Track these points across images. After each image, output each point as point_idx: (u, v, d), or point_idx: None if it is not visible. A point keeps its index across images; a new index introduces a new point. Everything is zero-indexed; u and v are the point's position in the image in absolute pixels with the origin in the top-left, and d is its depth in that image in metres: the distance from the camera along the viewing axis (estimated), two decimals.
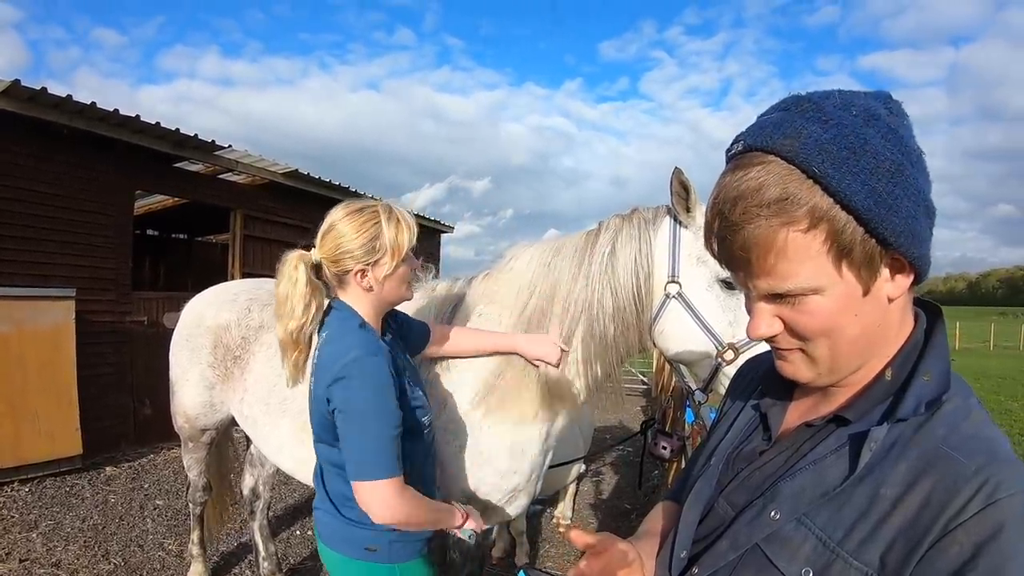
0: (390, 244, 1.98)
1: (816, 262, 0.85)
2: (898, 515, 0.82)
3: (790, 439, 1.03)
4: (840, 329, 0.90)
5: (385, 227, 1.98)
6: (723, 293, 2.25)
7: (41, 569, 4.55)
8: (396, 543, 2.05)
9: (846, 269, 0.86)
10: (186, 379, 3.52)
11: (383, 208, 2.03)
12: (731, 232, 0.89)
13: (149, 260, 16.29)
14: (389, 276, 2.01)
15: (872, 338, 0.92)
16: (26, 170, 6.89)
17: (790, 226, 0.84)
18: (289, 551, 5.11)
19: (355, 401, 1.87)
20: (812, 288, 0.87)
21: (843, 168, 0.82)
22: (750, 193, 0.85)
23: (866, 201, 0.82)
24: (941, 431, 0.86)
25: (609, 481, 7.36)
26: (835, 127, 0.83)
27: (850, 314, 0.88)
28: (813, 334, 0.91)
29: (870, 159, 0.82)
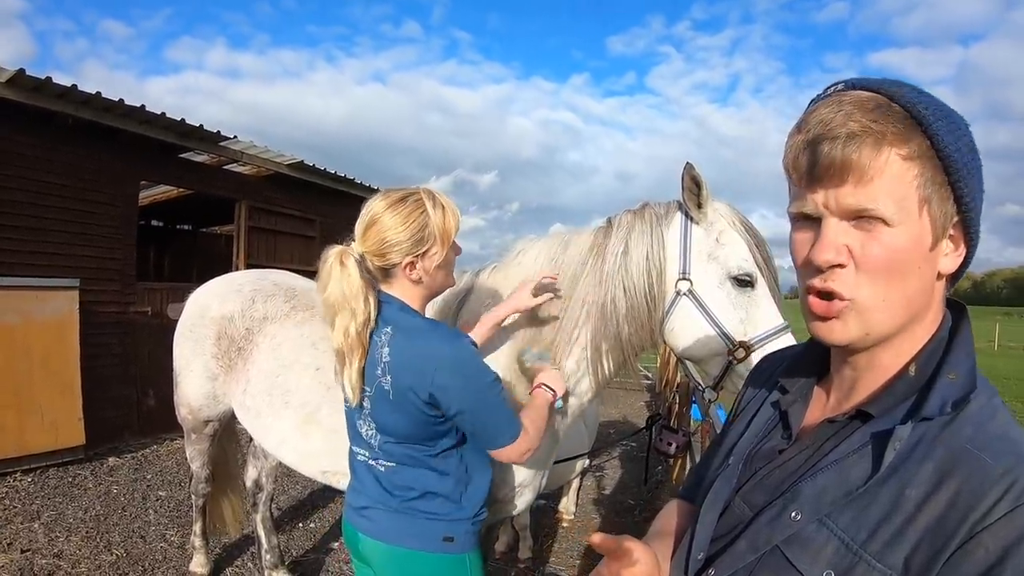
0: (439, 232, 1.94)
1: (906, 192, 0.86)
2: (923, 517, 0.80)
3: (811, 437, 1.01)
4: (901, 275, 0.88)
5: (432, 215, 1.93)
6: (734, 291, 2.23)
7: (43, 559, 4.54)
8: (471, 534, 2.07)
9: (925, 214, 0.87)
10: (189, 370, 3.51)
11: (426, 195, 1.96)
12: (833, 140, 0.87)
13: (154, 251, 16.31)
14: (440, 265, 1.99)
15: (917, 305, 0.91)
16: (31, 160, 6.89)
17: (894, 147, 0.85)
18: (292, 543, 5.11)
19: (473, 389, 1.92)
20: (893, 216, 0.86)
21: (944, 123, 0.85)
22: (864, 109, 0.86)
23: (955, 155, 0.85)
24: (967, 431, 0.84)
25: (613, 476, 7.35)
26: (927, 96, 0.88)
27: (915, 262, 0.88)
28: (877, 269, 0.88)
29: (955, 127, 0.86)
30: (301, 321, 3.14)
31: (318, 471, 2.92)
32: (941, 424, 0.85)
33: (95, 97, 6.97)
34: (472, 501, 2.07)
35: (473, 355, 1.94)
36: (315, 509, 5.87)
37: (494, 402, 1.94)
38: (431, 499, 2.00)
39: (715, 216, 2.29)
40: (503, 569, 4.83)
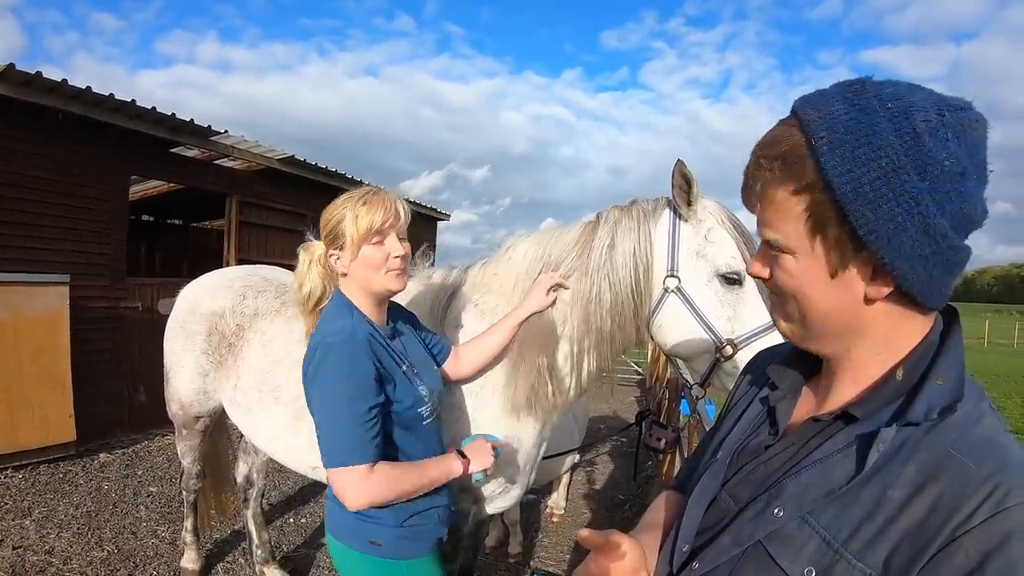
0: (350, 228, 1.97)
1: (796, 225, 0.91)
2: (904, 518, 0.80)
3: (797, 434, 1.02)
4: (805, 297, 0.95)
5: (350, 211, 1.98)
6: (722, 288, 2.24)
7: (34, 556, 4.54)
8: (404, 539, 2.03)
9: (819, 244, 0.90)
10: (180, 366, 3.51)
11: (360, 192, 2.04)
12: (747, 173, 0.97)
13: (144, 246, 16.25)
14: (355, 261, 2.00)
15: (845, 325, 0.94)
16: (21, 155, 6.84)
17: (782, 184, 0.91)
18: (283, 539, 5.12)
19: (323, 388, 1.90)
20: (787, 247, 0.93)
21: (838, 149, 0.84)
22: (765, 144, 0.93)
23: (845, 186, 0.84)
24: (952, 435, 0.84)
25: (603, 471, 7.37)
26: (857, 111, 0.85)
27: (815, 288, 0.93)
28: (784, 291, 0.98)
29: (869, 150, 0.83)
30: (292, 317, 3.14)
31: (308, 467, 2.93)
32: (926, 427, 0.85)
33: (85, 92, 6.93)
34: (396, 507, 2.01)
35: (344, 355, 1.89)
36: (306, 505, 5.87)
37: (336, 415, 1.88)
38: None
39: (704, 213, 2.30)
40: (493, 564, 4.85)
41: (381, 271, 2.00)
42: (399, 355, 2.07)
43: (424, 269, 2.86)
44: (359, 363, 1.89)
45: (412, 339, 2.26)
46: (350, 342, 1.90)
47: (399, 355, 2.07)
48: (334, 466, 1.89)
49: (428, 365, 2.24)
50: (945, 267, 0.86)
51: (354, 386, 1.87)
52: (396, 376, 2.00)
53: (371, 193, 2.03)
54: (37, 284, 6.65)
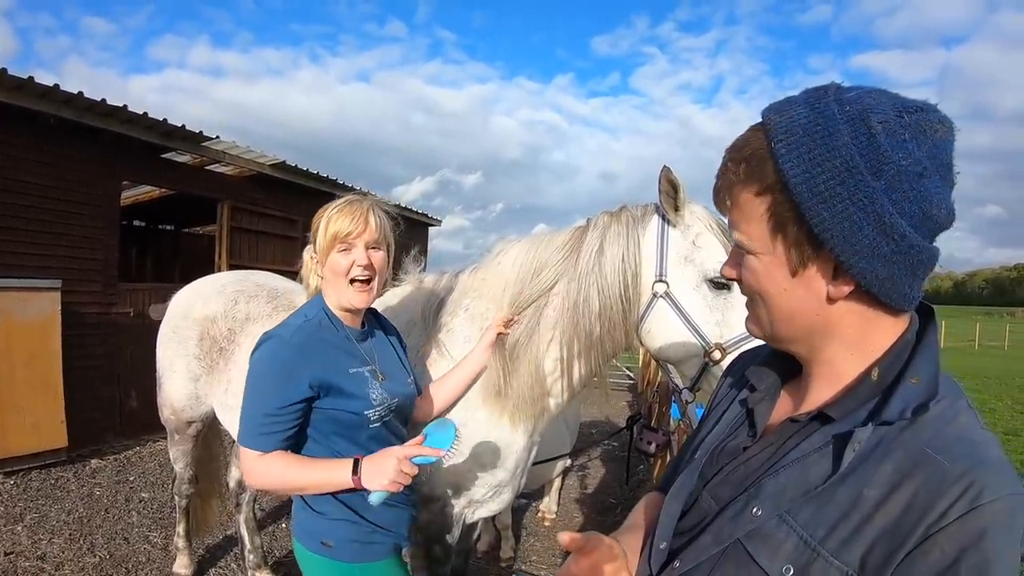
0: (320, 234, 2.04)
1: (758, 226, 0.95)
2: (880, 517, 0.81)
3: (775, 435, 1.03)
4: (769, 296, 0.98)
5: (323, 217, 2.05)
6: (711, 293, 2.25)
7: (26, 562, 4.53)
8: (355, 542, 2.04)
9: (779, 244, 0.93)
10: (172, 371, 3.51)
11: (341, 200, 2.09)
12: (717, 177, 1.01)
13: (136, 251, 16.20)
14: (324, 267, 2.07)
15: (810, 324, 0.96)
16: (12, 160, 6.83)
17: (746, 186, 0.94)
18: (275, 544, 5.11)
19: (249, 373, 2.00)
20: (751, 248, 0.97)
21: (795, 151, 0.87)
22: (733, 149, 0.97)
23: (800, 186, 0.87)
24: (927, 433, 0.85)
25: (595, 476, 7.38)
26: (816, 114, 0.87)
27: (777, 287, 0.96)
28: (749, 290, 1.02)
29: (824, 151, 0.85)
30: None
31: None
32: (901, 426, 0.86)
33: (77, 96, 6.93)
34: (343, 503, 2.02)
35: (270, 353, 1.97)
36: None
37: (249, 402, 1.99)
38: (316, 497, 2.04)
39: (692, 219, 2.32)
40: (485, 568, 4.86)
41: (344, 280, 2.03)
42: (360, 357, 2.10)
43: (415, 274, 2.88)
44: (285, 362, 1.94)
45: (386, 345, 2.28)
46: (287, 340, 1.97)
47: (360, 357, 2.10)
48: (239, 443, 2.00)
49: (397, 372, 2.24)
50: (908, 267, 0.87)
51: (270, 382, 1.94)
52: (343, 379, 2.00)
53: (346, 202, 2.07)
54: (29, 289, 6.63)
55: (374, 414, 2.06)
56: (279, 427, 1.94)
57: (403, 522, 2.19)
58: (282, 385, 1.92)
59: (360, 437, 2.06)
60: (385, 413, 2.09)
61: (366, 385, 2.06)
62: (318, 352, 1.98)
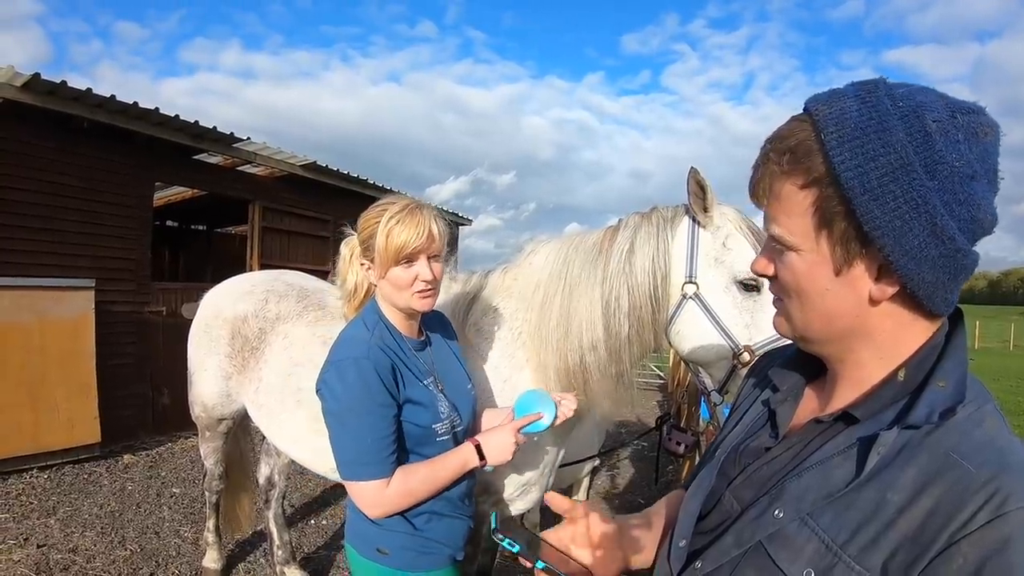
0: (379, 244, 1.91)
1: (801, 220, 0.90)
2: (903, 522, 0.80)
3: (799, 435, 1.02)
4: (808, 295, 0.94)
5: (382, 225, 1.91)
6: (740, 295, 2.24)
7: (58, 554, 4.61)
8: (410, 551, 1.99)
9: (824, 240, 0.89)
10: (204, 369, 3.55)
11: (396, 206, 1.95)
12: (756, 168, 0.96)
13: (168, 251, 16.40)
14: (382, 279, 1.96)
15: (848, 326, 0.93)
16: (47, 162, 6.97)
17: (790, 178, 0.90)
18: (303, 540, 5.16)
19: (337, 401, 1.88)
20: (792, 243, 0.93)
21: (847, 144, 0.83)
22: (775, 139, 0.93)
23: (852, 181, 0.83)
24: (953, 438, 0.83)
25: (624, 475, 7.36)
26: (869, 108, 0.84)
27: (818, 285, 0.92)
28: (786, 289, 0.97)
29: (878, 146, 0.82)
30: (313, 320, 3.17)
31: (329, 468, 2.95)
32: (927, 430, 0.85)
33: (109, 100, 7.05)
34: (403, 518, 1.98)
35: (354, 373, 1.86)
36: (327, 506, 5.91)
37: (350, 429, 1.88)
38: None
39: (722, 220, 2.30)
40: (511, 567, 4.85)
41: (407, 292, 1.95)
42: (423, 369, 2.04)
43: (446, 273, 2.88)
44: (372, 379, 1.85)
45: (446, 351, 2.21)
46: (364, 360, 1.87)
47: (423, 369, 2.04)
48: (349, 479, 1.89)
49: (458, 381, 2.18)
50: (952, 271, 0.85)
51: (374, 405, 1.86)
52: (414, 392, 1.95)
53: (406, 211, 1.94)
54: (63, 289, 6.76)
55: (441, 427, 2.01)
56: (390, 448, 1.88)
57: (460, 534, 2.14)
58: (383, 406, 1.86)
59: (427, 451, 2.01)
60: (452, 426, 2.05)
61: (434, 398, 2.01)
62: (390, 365, 1.91)
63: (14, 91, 6.40)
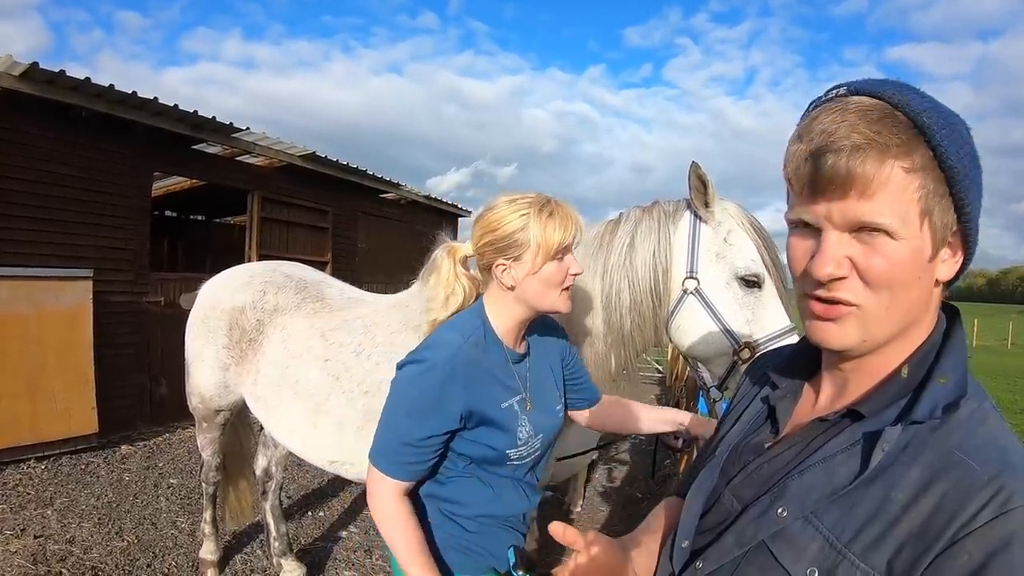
0: (535, 238, 1.77)
1: (908, 206, 0.85)
2: (908, 520, 0.80)
3: (801, 433, 1.01)
4: (903, 286, 0.87)
5: (533, 219, 1.77)
6: (741, 291, 2.23)
7: (55, 545, 4.61)
8: (455, 551, 1.90)
9: (926, 226, 0.86)
10: (201, 360, 3.54)
11: (538, 199, 1.82)
12: (837, 153, 0.85)
13: (167, 241, 16.40)
14: (531, 275, 1.79)
15: (915, 313, 0.91)
16: (46, 152, 6.95)
17: (898, 160, 0.84)
18: (300, 532, 5.16)
19: (394, 391, 1.81)
20: (895, 229, 0.85)
21: (946, 131, 0.84)
22: (869, 119, 0.85)
23: (957, 166, 0.84)
24: (956, 435, 0.83)
25: (621, 469, 7.36)
26: (930, 102, 0.86)
27: (915, 273, 0.87)
28: (878, 281, 0.87)
29: (958, 135, 0.86)
30: (311, 312, 3.16)
31: (326, 461, 2.95)
32: (930, 427, 0.85)
33: (108, 89, 7.03)
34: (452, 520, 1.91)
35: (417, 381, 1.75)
36: (324, 498, 5.91)
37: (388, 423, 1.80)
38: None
39: (724, 216, 2.30)
40: None
41: (557, 290, 1.83)
42: (513, 386, 1.90)
43: None
44: (434, 392, 1.74)
45: (544, 368, 2.05)
46: (440, 367, 1.74)
47: (513, 386, 1.90)
48: (371, 460, 1.81)
49: (550, 400, 2.03)
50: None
51: (414, 410, 1.75)
52: (494, 412, 1.82)
53: (553, 203, 1.82)
54: (61, 279, 6.76)
55: (515, 453, 1.88)
56: (416, 458, 1.78)
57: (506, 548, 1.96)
58: (427, 417, 1.74)
59: (497, 473, 1.90)
60: (528, 452, 1.92)
61: (515, 421, 1.87)
62: (473, 380, 1.77)
63: (12, 80, 6.36)
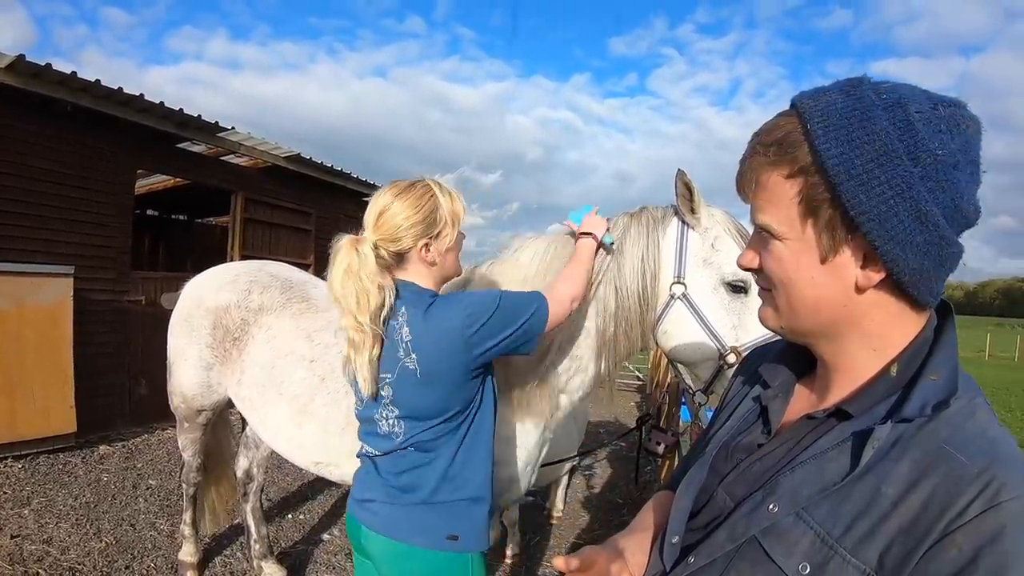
0: (449, 214, 2.00)
1: (788, 210, 0.92)
2: (898, 514, 0.81)
3: (791, 431, 1.02)
4: (794, 285, 0.95)
5: (441, 199, 2.00)
6: (728, 296, 2.25)
7: (32, 545, 4.55)
8: (478, 528, 2.02)
9: (810, 228, 0.91)
10: (184, 359, 3.52)
11: (432, 182, 2.03)
12: (743, 161, 0.98)
13: (149, 240, 16.28)
14: (450, 248, 2.04)
15: (835, 316, 0.94)
16: (29, 146, 6.88)
17: (776, 168, 0.92)
18: (281, 534, 5.12)
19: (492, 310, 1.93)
20: (778, 232, 0.94)
21: (832, 133, 0.86)
22: (762, 132, 0.95)
23: (837, 168, 0.85)
24: (945, 430, 0.84)
25: (601, 475, 7.38)
26: (853, 100, 0.87)
27: (804, 274, 0.93)
28: (772, 279, 0.98)
29: (863, 134, 0.84)
30: (297, 313, 3.15)
31: (311, 462, 2.94)
32: (920, 423, 0.86)
33: (94, 84, 6.97)
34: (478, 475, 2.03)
35: (476, 296, 1.98)
36: (305, 501, 5.88)
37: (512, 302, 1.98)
38: (438, 488, 1.97)
39: (711, 222, 2.32)
40: (490, 564, 4.85)
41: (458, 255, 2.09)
42: None
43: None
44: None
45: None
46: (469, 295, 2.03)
47: None
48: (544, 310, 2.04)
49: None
50: (938, 260, 0.87)
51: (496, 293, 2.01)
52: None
53: (440, 183, 2.06)
54: (42, 275, 6.68)
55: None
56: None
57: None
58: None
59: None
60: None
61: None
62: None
63: None
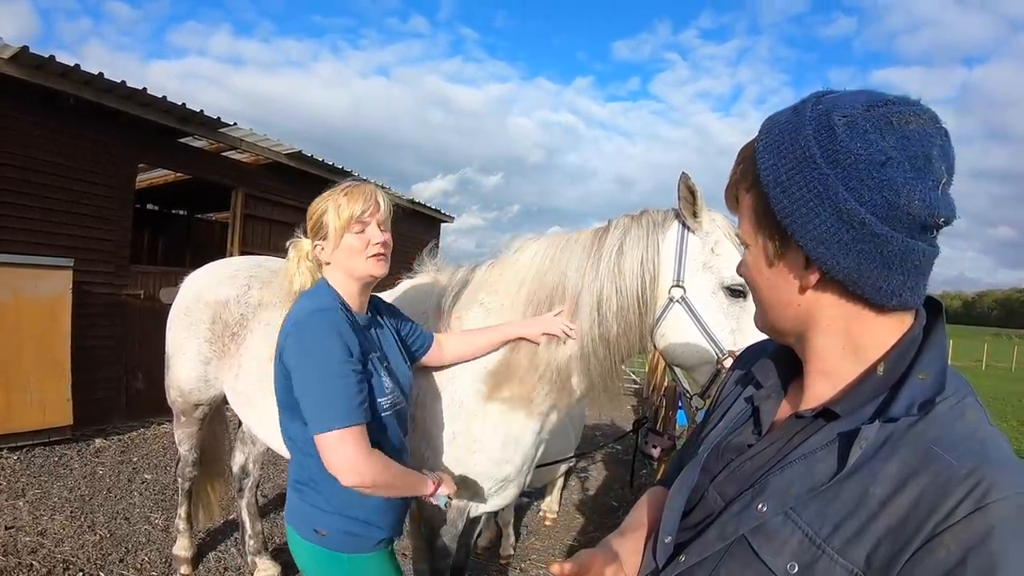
0: (332, 218, 2.04)
1: (747, 220, 1.01)
2: (886, 515, 0.81)
3: (781, 431, 1.03)
4: (759, 288, 1.04)
5: (332, 202, 2.06)
6: (727, 300, 2.26)
7: (27, 537, 4.55)
8: (347, 534, 2.05)
9: (760, 236, 0.99)
10: (182, 353, 3.52)
11: (342, 185, 2.12)
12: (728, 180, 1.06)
13: (148, 234, 16.25)
14: (337, 249, 2.06)
15: (793, 315, 0.99)
16: (31, 138, 6.87)
17: (741, 183, 1.01)
18: (275, 530, 5.11)
19: (307, 354, 1.91)
20: (746, 240, 1.03)
21: (768, 147, 0.94)
22: (739, 153, 1.03)
23: (768, 177, 0.93)
24: (934, 431, 0.85)
25: (596, 477, 7.38)
26: (794, 115, 0.93)
27: (763, 278, 1.02)
28: (747, 283, 1.07)
29: (789, 144, 0.91)
30: None
31: None
32: (908, 423, 0.86)
33: (97, 78, 6.97)
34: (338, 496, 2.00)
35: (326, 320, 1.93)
36: None
37: (324, 374, 1.88)
38: (305, 484, 2.06)
39: (711, 226, 2.33)
40: (483, 564, 4.86)
41: (362, 257, 2.05)
42: (371, 344, 2.11)
43: (431, 266, 2.88)
44: (342, 327, 1.94)
45: (388, 333, 2.29)
46: (331, 311, 1.97)
47: (371, 344, 2.11)
48: (325, 430, 1.85)
49: (400, 361, 2.27)
50: (878, 259, 0.87)
51: (339, 348, 1.90)
52: (365, 359, 2.02)
53: (352, 185, 2.11)
54: (41, 267, 6.69)
55: (386, 402, 2.08)
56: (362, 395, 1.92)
57: (396, 515, 2.20)
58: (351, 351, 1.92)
59: (373, 425, 2.01)
60: (394, 403, 2.12)
61: (380, 373, 2.07)
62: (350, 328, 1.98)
63: (1, 64, 6.31)
